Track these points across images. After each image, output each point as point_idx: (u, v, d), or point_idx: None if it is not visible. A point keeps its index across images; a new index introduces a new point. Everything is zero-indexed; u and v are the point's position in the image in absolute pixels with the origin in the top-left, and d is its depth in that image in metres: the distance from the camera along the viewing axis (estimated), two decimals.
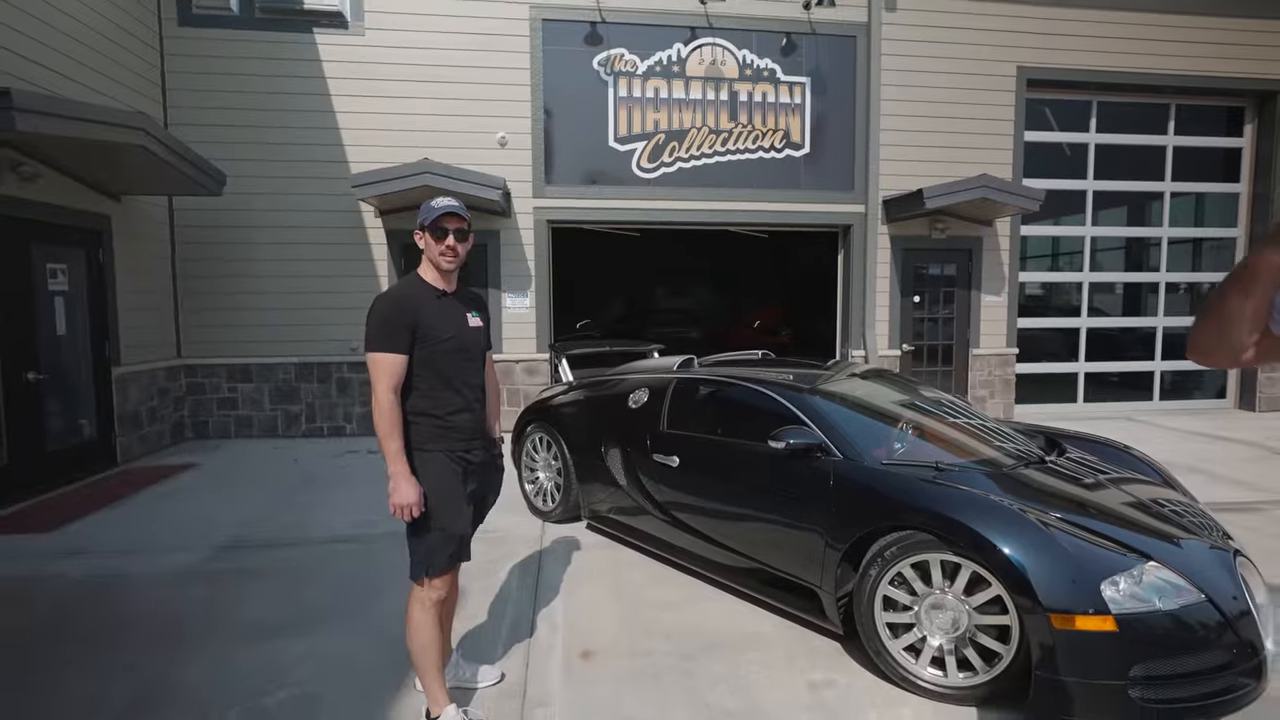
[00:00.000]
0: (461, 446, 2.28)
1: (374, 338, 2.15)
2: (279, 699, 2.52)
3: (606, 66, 7.36)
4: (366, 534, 4.24)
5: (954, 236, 7.85)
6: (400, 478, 2.12)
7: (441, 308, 2.25)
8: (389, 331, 2.14)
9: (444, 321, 2.23)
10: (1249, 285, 1.10)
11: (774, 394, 3.43)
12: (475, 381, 2.35)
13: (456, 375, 2.26)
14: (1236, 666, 2.31)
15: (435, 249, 2.24)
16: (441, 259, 2.24)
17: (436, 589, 2.24)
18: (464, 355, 2.29)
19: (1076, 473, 3.11)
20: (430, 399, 2.22)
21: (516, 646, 2.91)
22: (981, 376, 8.07)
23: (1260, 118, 8.48)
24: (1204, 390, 9.14)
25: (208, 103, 6.87)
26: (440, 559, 2.21)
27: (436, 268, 2.27)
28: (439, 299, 2.26)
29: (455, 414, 2.26)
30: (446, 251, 2.23)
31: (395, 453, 2.12)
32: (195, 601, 3.33)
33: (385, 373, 2.13)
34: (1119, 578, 2.31)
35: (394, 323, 2.14)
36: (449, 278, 2.31)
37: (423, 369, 2.20)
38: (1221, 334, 1.17)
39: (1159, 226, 8.73)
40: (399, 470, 2.12)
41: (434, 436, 2.22)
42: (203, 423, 7.15)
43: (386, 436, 2.12)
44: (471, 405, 2.31)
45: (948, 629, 2.52)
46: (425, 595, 2.23)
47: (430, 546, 2.20)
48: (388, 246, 7.20)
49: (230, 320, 7.09)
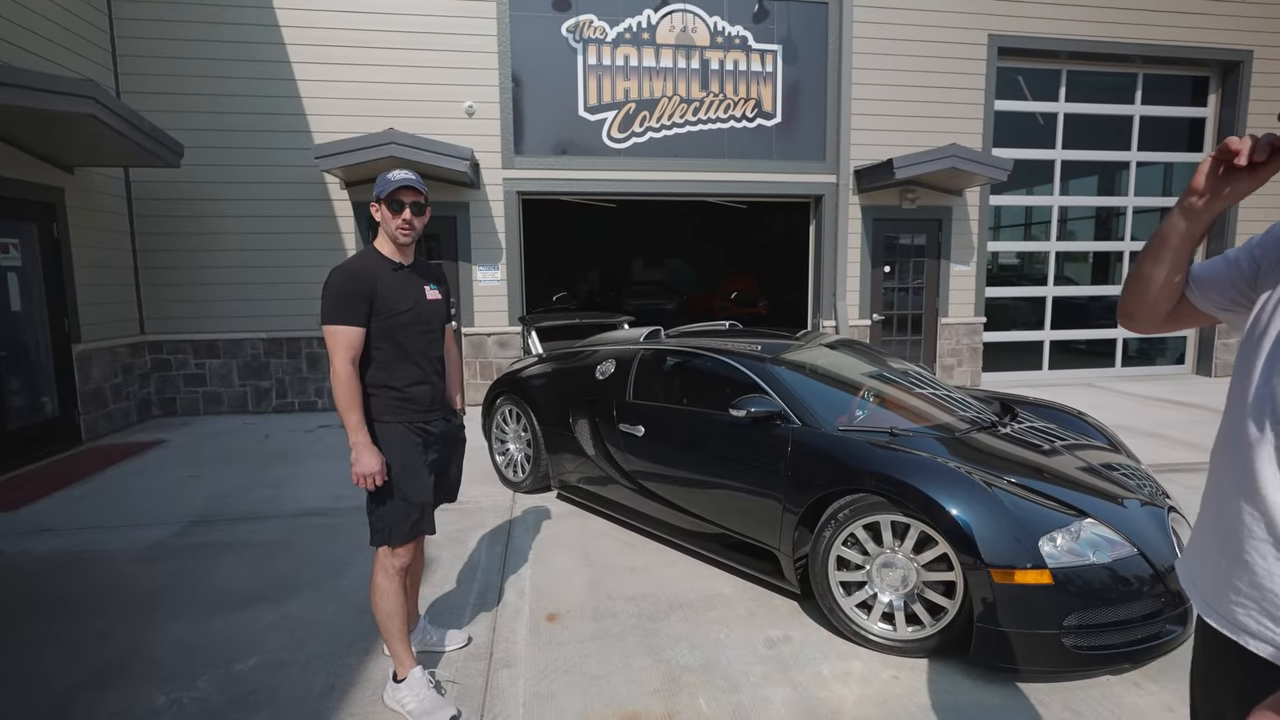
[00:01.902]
0: (420, 418, 2.29)
1: (330, 310, 2.13)
2: (249, 665, 2.57)
3: (575, 33, 7.23)
4: (337, 508, 4.27)
5: (924, 206, 7.93)
6: (362, 447, 2.13)
7: (399, 280, 2.24)
8: (345, 304, 2.13)
9: (401, 294, 2.23)
10: (1159, 251, 1.15)
11: (736, 363, 3.49)
12: (434, 354, 2.35)
13: (414, 347, 2.26)
14: (1164, 615, 2.46)
15: (391, 222, 2.22)
16: (398, 232, 2.23)
17: (400, 557, 2.27)
18: (422, 327, 2.29)
19: (1025, 437, 3.22)
20: (388, 371, 2.23)
21: (484, 612, 2.98)
22: (950, 345, 8.22)
23: (1224, 87, 8.60)
24: (1164, 357, 9.41)
25: (162, 70, 6.65)
26: (401, 528, 2.24)
27: (393, 241, 2.26)
28: (395, 271, 2.25)
29: (413, 386, 2.27)
30: (403, 225, 2.22)
31: (356, 424, 2.13)
32: (167, 574, 3.35)
33: (342, 345, 2.13)
34: (1057, 534, 2.42)
35: (350, 295, 2.13)
36: (406, 251, 2.30)
37: (380, 341, 2.20)
38: (1139, 300, 1.22)
39: (1125, 196, 8.88)
40: (360, 440, 2.13)
41: (392, 408, 2.24)
42: (169, 400, 7.07)
43: (346, 408, 2.13)
44: (430, 377, 2.32)
45: (897, 586, 2.63)
46: (389, 563, 2.26)
47: (392, 516, 2.22)
48: (355, 219, 7.09)
49: (195, 295, 6.97)
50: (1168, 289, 1.18)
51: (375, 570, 2.28)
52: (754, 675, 2.51)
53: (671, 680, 2.48)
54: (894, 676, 2.50)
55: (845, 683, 2.46)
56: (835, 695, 2.39)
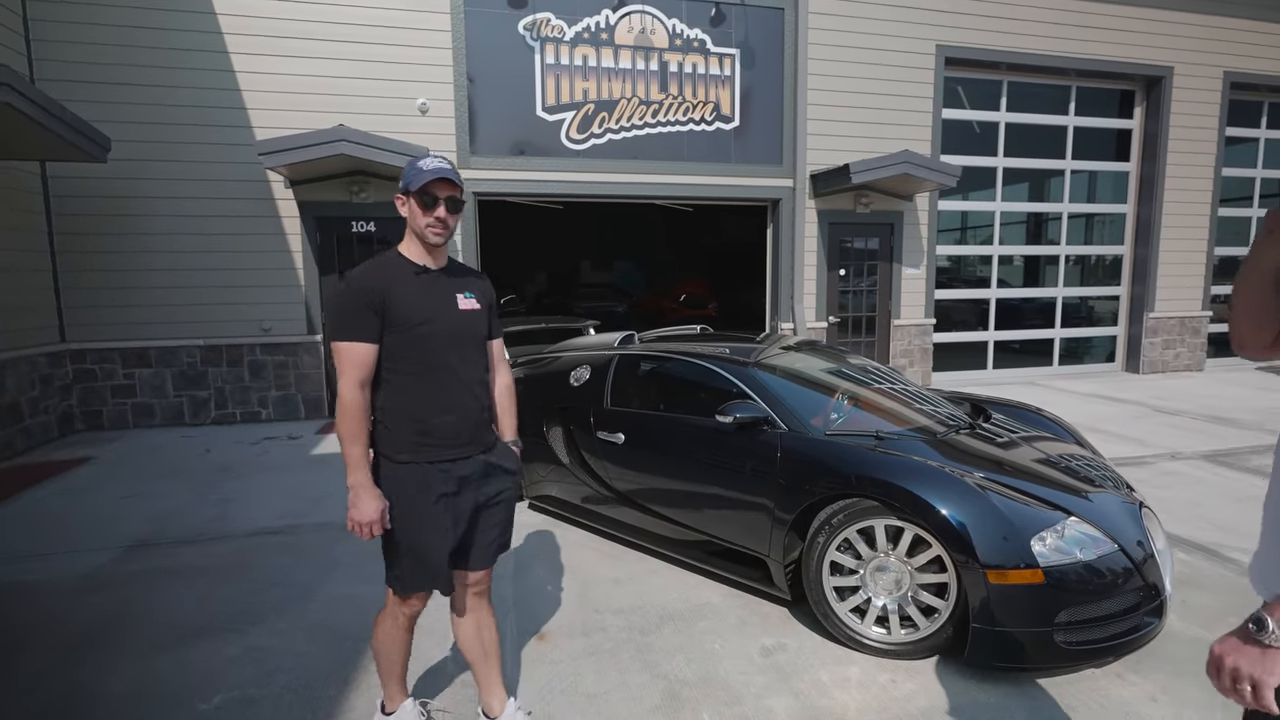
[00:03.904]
0: (446, 455, 1.89)
1: (336, 324, 1.83)
2: (214, 704, 2.36)
3: (533, 31, 7.09)
4: (297, 525, 4.02)
5: (877, 211, 8.12)
6: (360, 489, 1.80)
7: (420, 287, 1.89)
8: (352, 317, 1.81)
9: (421, 303, 1.88)
10: (1253, 278, 1.14)
11: (718, 368, 3.45)
12: (469, 376, 1.96)
13: (441, 368, 1.89)
14: (1143, 608, 2.54)
15: (420, 219, 1.87)
16: (428, 231, 1.87)
17: (411, 606, 1.98)
18: (450, 342, 1.91)
19: (1002, 436, 3.30)
20: (404, 396, 1.87)
21: None
22: (902, 346, 8.45)
23: (1148, 101, 9.16)
24: (1094, 356, 9.93)
25: (84, 58, 6.16)
26: (412, 581, 1.92)
27: (422, 241, 1.91)
28: (417, 275, 1.90)
29: (436, 416, 1.88)
30: (435, 224, 1.87)
31: (357, 460, 1.80)
32: (106, 607, 3.06)
33: (349, 364, 1.81)
34: (1045, 533, 2.47)
35: (357, 306, 1.81)
36: (436, 253, 1.95)
37: (395, 360, 1.86)
38: (1248, 326, 1.19)
39: (1060, 202, 9.34)
40: (359, 480, 1.80)
41: (409, 444, 1.87)
42: (95, 412, 6.55)
43: (349, 438, 1.80)
44: (460, 405, 1.92)
45: (891, 589, 2.64)
46: (398, 609, 1.98)
47: (401, 567, 1.92)
48: (301, 219, 6.74)
49: (123, 300, 6.48)
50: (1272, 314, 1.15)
51: (383, 609, 2.03)
52: (755, 686, 2.46)
53: (672, 696, 2.41)
54: (891, 680, 2.50)
55: (845, 689, 2.45)
56: (838, 703, 2.37)
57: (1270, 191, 10.29)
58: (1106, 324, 9.83)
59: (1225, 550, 3.60)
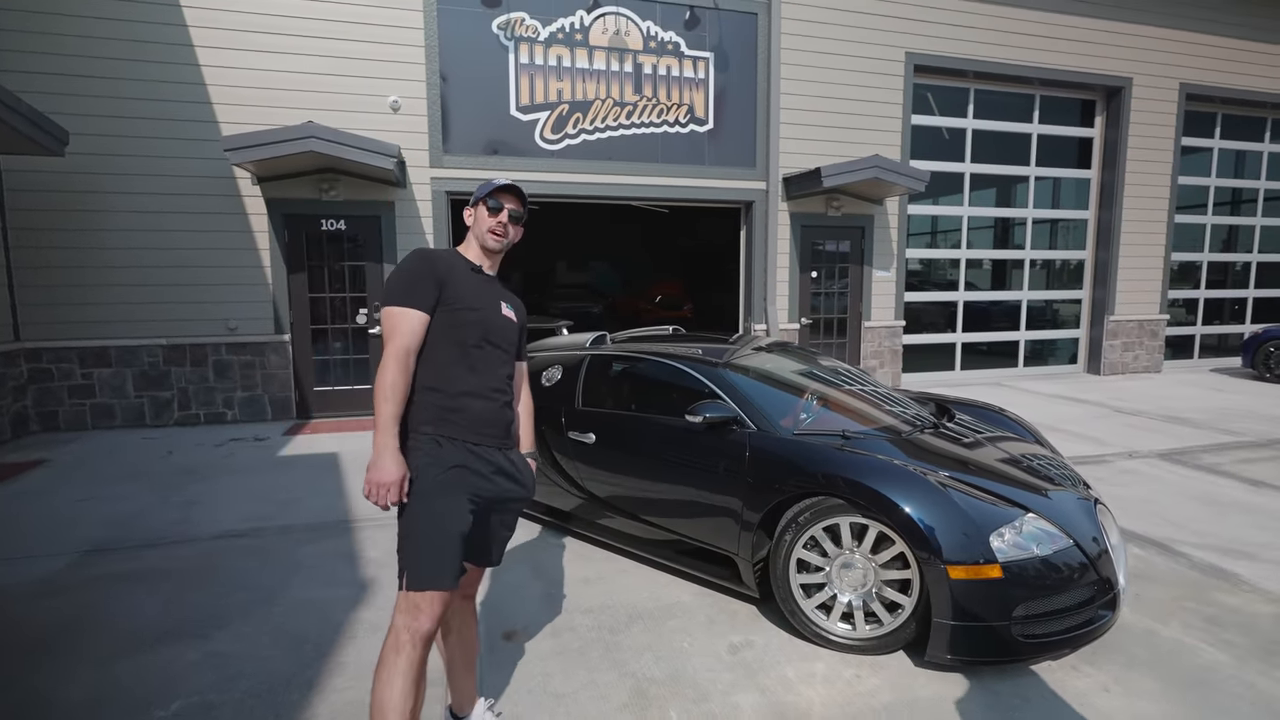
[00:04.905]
0: (470, 437, 1.89)
1: (395, 290, 1.85)
2: (172, 710, 2.31)
3: (507, 30, 7.06)
4: (262, 528, 3.95)
5: (848, 214, 8.24)
6: (385, 450, 1.74)
7: (476, 282, 1.99)
8: (413, 284, 1.85)
9: (475, 293, 1.96)
10: None
11: (688, 369, 3.48)
12: (499, 372, 2.01)
13: (477, 354, 1.94)
14: (1097, 601, 2.62)
15: (485, 222, 2.00)
16: (489, 236, 2.00)
17: (422, 612, 1.75)
18: (489, 339, 1.97)
19: (964, 435, 3.38)
20: (439, 372, 1.89)
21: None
22: (873, 347, 8.58)
23: (1108, 111, 9.43)
24: (1058, 358, 10.19)
25: (41, 48, 5.99)
26: (426, 567, 1.76)
27: (481, 245, 2.03)
28: (473, 272, 2.01)
29: (465, 396, 1.90)
30: (497, 228, 1.99)
31: (388, 419, 1.76)
32: (62, 612, 2.98)
33: (400, 330, 1.82)
34: (1004, 529, 2.54)
35: (422, 275, 1.87)
36: (492, 260, 2.07)
37: (439, 338, 1.89)
38: None
39: (1024, 208, 9.57)
40: (385, 441, 1.75)
41: (432, 417, 1.86)
42: (51, 413, 6.36)
43: (385, 398, 1.76)
44: (488, 393, 1.95)
45: (856, 586, 2.68)
46: (405, 623, 1.75)
47: (415, 546, 1.79)
48: (268, 216, 6.63)
49: (82, 298, 6.30)
50: None
51: (387, 638, 1.78)
52: (721, 683, 2.49)
53: (640, 694, 2.42)
54: (856, 675, 2.54)
55: (811, 684, 2.48)
56: (803, 698, 2.40)
57: (1223, 199, 10.67)
58: (1070, 326, 10.09)
59: (1177, 545, 3.72)
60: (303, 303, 6.84)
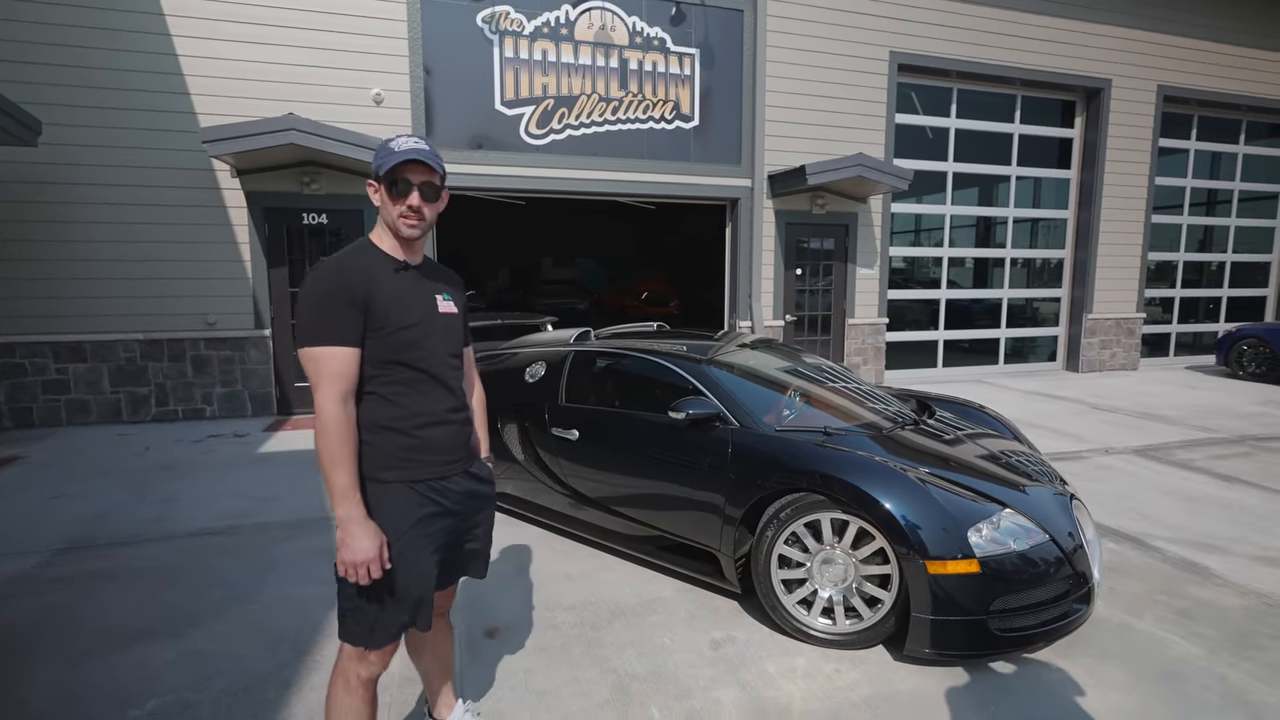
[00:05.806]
0: (434, 473, 1.68)
1: (310, 326, 1.55)
2: (147, 709, 2.28)
3: (491, 24, 7.01)
4: (238, 525, 3.90)
5: (833, 212, 8.28)
6: (354, 524, 1.52)
7: (403, 284, 1.66)
8: (331, 316, 1.54)
9: (406, 303, 1.65)
10: None
11: (672, 365, 3.48)
12: (454, 384, 1.76)
13: (430, 375, 1.68)
14: (1073, 595, 2.66)
15: (392, 209, 1.63)
16: (401, 223, 1.63)
17: (372, 665, 1.66)
18: (436, 350, 1.70)
19: (944, 432, 3.41)
20: (390, 407, 1.63)
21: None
22: (856, 345, 8.64)
23: (1088, 111, 9.55)
24: (1038, 355, 10.32)
25: (11, 36, 5.84)
26: (386, 630, 1.62)
27: (395, 233, 1.67)
28: (398, 272, 1.67)
29: (427, 427, 1.67)
30: (408, 214, 1.63)
31: (345, 489, 1.53)
32: (33, 611, 2.92)
33: (329, 374, 1.53)
34: (982, 525, 2.57)
35: (337, 303, 1.54)
36: (412, 247, 1.71)
37: (380, 366, 1.62)
38: None
39: (1006, 207, 9.67)
40: (351, 514, 1.52)
41: (396, 460, 1.63)
42: (24, 409, 6.23)
43: (333, 463, 1.52)
44: (446, 416, 1.72)
45: (837, 581, 2.70)
46: (355, 670, 1.65)
47: (375, 612, 1.60)
48: (248, 210, 6.53)
49: (55, 292, 6.18)
50: None
51: (335, 676, 1.68)
52: (703, 679, 2.50)
53: (621, 690, 2.43)
54: (836, 670, 2.56)
55: (791, 679, 2.50)
56: (784, 693, 2.42)
57: (1199, 200, 10.86)
58: (1049, 324, 10.22)
59: (1151, 539, 3.78)
60: (284, 297, 6.76)
